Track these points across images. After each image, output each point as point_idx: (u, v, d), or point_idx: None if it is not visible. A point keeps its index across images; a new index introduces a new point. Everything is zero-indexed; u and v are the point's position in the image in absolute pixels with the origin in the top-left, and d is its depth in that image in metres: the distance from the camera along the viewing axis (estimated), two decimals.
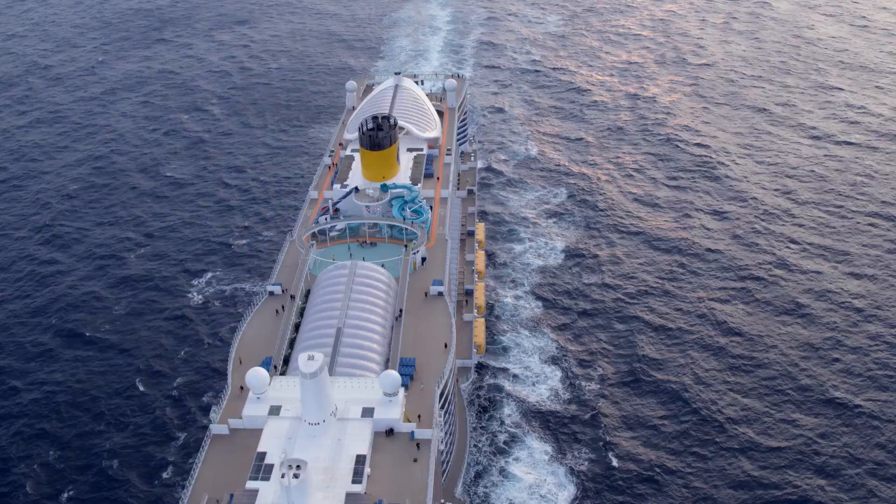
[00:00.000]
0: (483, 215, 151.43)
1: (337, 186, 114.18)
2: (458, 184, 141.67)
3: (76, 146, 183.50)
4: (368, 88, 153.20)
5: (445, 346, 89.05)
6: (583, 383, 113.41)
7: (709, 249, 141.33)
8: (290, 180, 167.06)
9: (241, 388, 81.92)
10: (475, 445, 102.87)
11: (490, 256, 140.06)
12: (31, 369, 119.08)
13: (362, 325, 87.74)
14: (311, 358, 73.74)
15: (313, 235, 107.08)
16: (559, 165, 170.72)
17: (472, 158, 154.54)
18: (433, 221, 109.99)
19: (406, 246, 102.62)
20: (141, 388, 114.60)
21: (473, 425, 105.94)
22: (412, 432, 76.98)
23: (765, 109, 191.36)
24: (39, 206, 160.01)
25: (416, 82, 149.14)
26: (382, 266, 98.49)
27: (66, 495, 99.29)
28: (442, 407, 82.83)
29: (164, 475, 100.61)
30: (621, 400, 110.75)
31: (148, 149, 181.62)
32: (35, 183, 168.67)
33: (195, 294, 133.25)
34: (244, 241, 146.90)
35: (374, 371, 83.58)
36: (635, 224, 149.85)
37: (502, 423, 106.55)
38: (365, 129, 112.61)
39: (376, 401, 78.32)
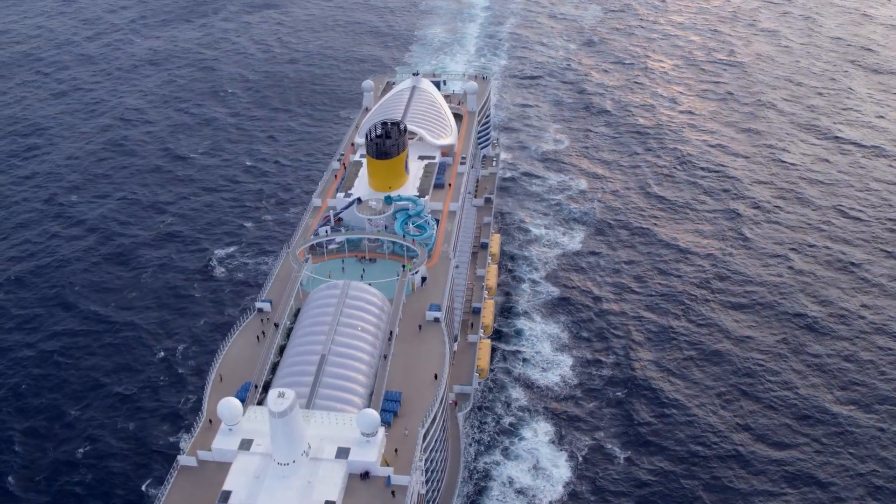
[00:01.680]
0: (499, 212, 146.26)
1: (341, 195, 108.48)
2: (476, 191, 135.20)
3: (99, 121, 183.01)
4: (389, 86, 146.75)
5: (436, 377, 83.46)
6: (591, 374, 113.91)
7: (724, 253, 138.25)
8: (312, 165, 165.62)
9: (210, 421, 77.44)
10: (479, 426, 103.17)
11: (504, 247, 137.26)
12: (41, 340, 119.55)
13: (348, 354, 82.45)
14: (281, 395, 68.97)
15: (311, 248, 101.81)
16: (579, 161, 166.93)
17: (494, 163, 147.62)
18: (438, 237, 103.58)
19: (404, 266, 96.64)
20: (152, 362, 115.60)
21: (482, 403, 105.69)
22: (388, 477, 71.90)
23: (791, 112, 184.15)
24: (59, 180, 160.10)
25: (439, 82, 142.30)
26: (370, 285, 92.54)
27: (76, 458, 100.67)
28: (427, 447, 77.43)
29: (170, 440, 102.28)
30: (625, 396, 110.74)
31: (171, 127, 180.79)
32: (57, 156, 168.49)
33: (215, 265, 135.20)
34: (265, 219, 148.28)
35: (356, 405, 78.40)
36: (651, 224, 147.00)
37: (509, 405, 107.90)
38: (372, 135, 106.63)
39: (353, 440, 73.32)
